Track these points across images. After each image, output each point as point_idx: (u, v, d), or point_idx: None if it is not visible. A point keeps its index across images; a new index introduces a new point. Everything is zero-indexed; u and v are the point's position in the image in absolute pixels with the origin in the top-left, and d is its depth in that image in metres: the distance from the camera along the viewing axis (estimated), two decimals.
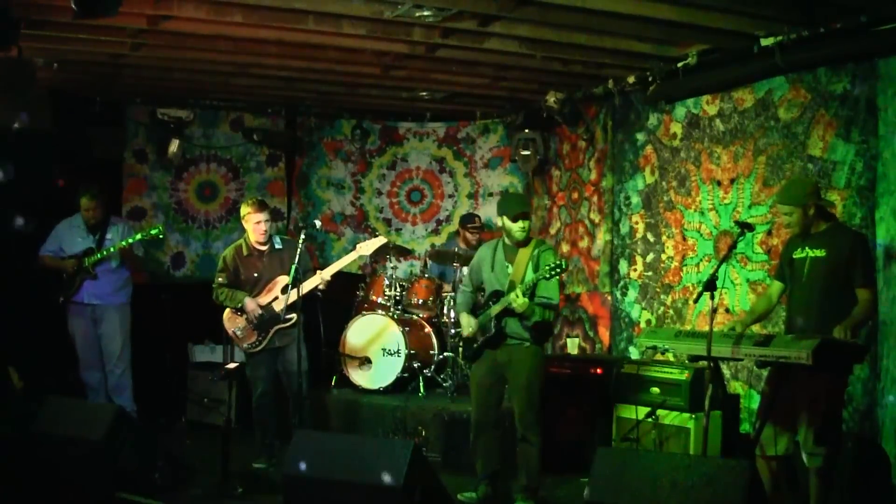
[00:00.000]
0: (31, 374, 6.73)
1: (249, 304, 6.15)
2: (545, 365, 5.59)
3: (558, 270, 5.09)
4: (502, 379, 5.45)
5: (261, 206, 6.22)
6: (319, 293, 6.24)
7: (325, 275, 6.13)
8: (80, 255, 6.80)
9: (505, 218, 5.35)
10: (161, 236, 6.82)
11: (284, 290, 6.07)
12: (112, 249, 6.71)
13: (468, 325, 5.46)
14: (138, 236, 6.67)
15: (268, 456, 6.19)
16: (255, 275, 6.24)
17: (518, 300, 5.07)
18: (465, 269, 7.73)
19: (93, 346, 6.89)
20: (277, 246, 6.28)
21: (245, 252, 6.27)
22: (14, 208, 6.78)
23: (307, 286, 6.04)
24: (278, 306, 6.06)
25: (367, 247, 6.40)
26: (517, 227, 5.32)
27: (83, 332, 6.86)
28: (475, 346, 5.46)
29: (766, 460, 4.67)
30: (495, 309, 5.29)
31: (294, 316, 6.05)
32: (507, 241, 5.45)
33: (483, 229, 8.36)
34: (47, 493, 5.10)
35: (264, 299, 6.17)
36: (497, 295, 5.34)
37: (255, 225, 6.17)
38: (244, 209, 6.26)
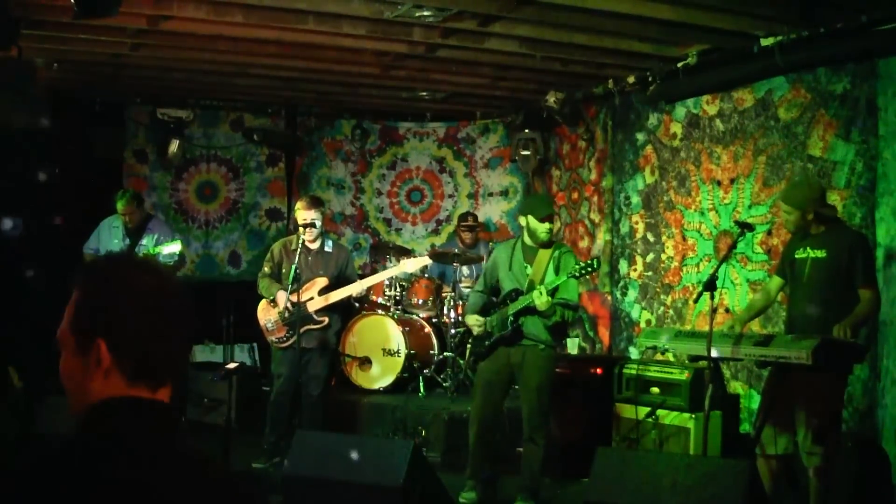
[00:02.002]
0: (31, 374, 6.73)
1: (281, 296, 6.09)
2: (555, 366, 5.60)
3: (589, 269, 5.10)
4: (511, 378, 5.45)
5: (312, 203, 6.13)
6: (357, 303, 6.23)
7: (362, 285, 6.13)
8: None
9: (531, 217, 5.31)
10: (178, 252, 6.76)
11: (322, 292, 6.05)
12: None
13: (476, 323, 5.45)
14: (159, 249, 6.63)
15: (269, 455, 6.18)
16: (298, 271, 6.20)
17: (541, 298, 5.04)
18: (465, 269, 7.77)
19: None
20: (327, 249, 6.22)
21: (293, 247, 6.21)
22: (8, 209, 6.77)
23: (341, 293, 6.05)
24: (312, 307, 6.06)
25: (412, 264, 6.43)
26: (543, 229, 5.29)
27: None
28: (487, 343, 5.43)
29: (767, 460, 4.67)
30: (513, 307, 5.27)
31: (326, 319, 6.05)
32: (526, 241, 5.43)
33: (476, 227, 8.32)
34: None
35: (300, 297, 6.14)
36: (516, 293, 5.33)
37: (303, 222, 6.08)
38: (296, 205, 6.23)
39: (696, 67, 6.31)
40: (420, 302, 7.58)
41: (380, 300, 7.54)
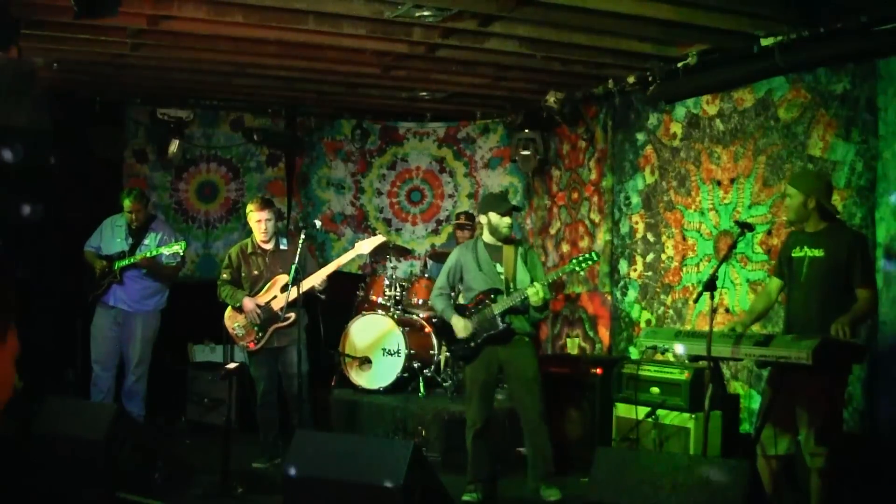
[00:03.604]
0: (31, 374, 6.73)
1: (247, 303, 6.16)
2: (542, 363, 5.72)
3: (590, 262, 5.36)
4: (499, 374, 5.53)
5: (263, 204, 6.26)
6: (322, 295, 6.23)
7: (321, 274, 6.13)
8: (114, 257, 6.81)
9: (493, 214, 5.46)
10: (182, 252, 6.80)
11: (284, 289, 6.08)
12: (136, 258, 6.70)
13: (464, 328, 5.48)
14: (162, 250, 6.66)
15: (270, 455, 6.19)
16: (256, 273, 6.26)
17: (538, 295, 5.24)
18: None
19: (109, 348, 6.87)
20: (282, 246, 6.30)
21: (249, 250, 6.32)
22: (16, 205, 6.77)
23: (304, 286, 6.05)
24: (277, 305, 6.06)
25: (366, 245, 6.39)
26: (505, 223, 5.45)
27: (104, 333, 6.86)
28: (472, 344, 5.47)
29: (767, 460, 4.67)
30: (499, 306, 5.36)
31: (292, 315, 6.05)
32: (487, 240, 5.55)
33: (468, 226, 8.25)
34: (47, 492, 5.10)
35: (263, 298, 6.18)
36: (494, 293, 5.40)
37: (256, 223, 6.22)
38: (248, 207, 6.32)
39: (696, 67, 6.31)
40: (420, 302, 7.58)
41: (380, 300, 7.54)
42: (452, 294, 5.79)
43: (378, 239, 6.48)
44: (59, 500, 5.09)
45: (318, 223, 6.86)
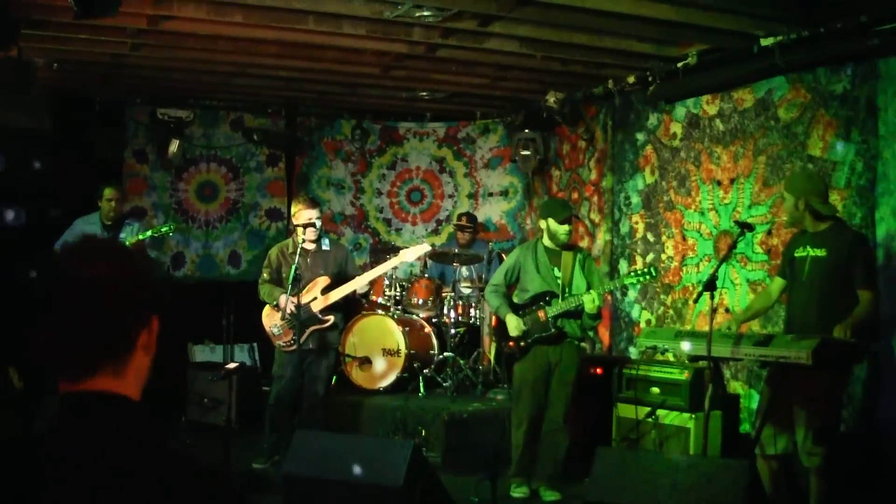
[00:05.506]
0: (31, 374, 6.73)
1: (283, 300, 6.09)
2: None
3: (648, 277, 5.42)
4: (550, 375, 5.59)
5: (312, 203, 6.17)
6: (364, 300, 6.20)
7: (364, 280, 6.12)
8: None
9: (551, 220, 5.54)
10: (171, 233, 6.76)
11: (324, 291, 6.05)
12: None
13: (517, 326, 5.53)
14: (149, 233, 6.62)
15: (269, 455, 6.18)
16: (298, 272, 6.18)
17: (594, 302, 5.33)
18: (465, 270, 7.76)
19: None
20: (325, 247, 6.21)
21: (290, 250, 6.21)
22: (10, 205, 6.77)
23: (344, 290, 6.05)
24: (316, 307, 6.04)
25: (411, 253, 6.38)
26: (564, 230, 5.53)
27: None
28: (522, 343, 5.55)
29: (766, 460, 4.67)
30: (552, 310, 5.46)
31: (331, 318, 6.05)
32: (546, 243, 5.63)
33: (469, 228, 8.25)
34: None
35: (303, 299, 6.10)
36: (550, 296, 5.50)
37: (305, 221, 6.07)
38: (294, 207, 6.22)
39: (696, 67, 6.31)
40: (420, 302, 7.57)
41: (380, 300, 7.53)
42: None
43: (423, 248, 6.50)
44: None
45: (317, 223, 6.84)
